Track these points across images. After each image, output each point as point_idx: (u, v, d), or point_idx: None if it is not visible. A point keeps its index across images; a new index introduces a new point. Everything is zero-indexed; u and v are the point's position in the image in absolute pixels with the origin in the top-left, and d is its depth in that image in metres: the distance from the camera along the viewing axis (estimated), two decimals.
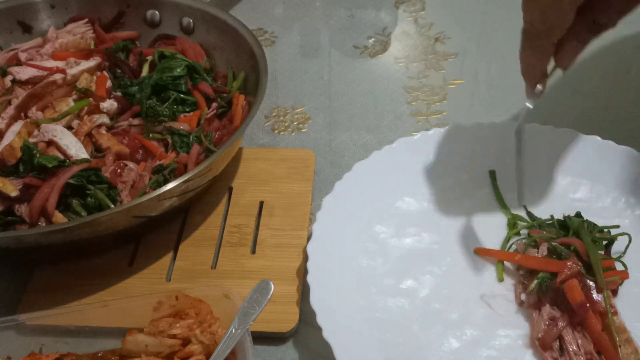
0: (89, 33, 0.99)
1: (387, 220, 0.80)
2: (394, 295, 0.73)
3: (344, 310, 0.70)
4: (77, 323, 0.66)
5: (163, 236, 0.80)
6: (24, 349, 0.64)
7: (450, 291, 0.73)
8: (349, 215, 0.78)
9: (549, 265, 0.70)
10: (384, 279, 0.75)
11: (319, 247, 0.73)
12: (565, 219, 0.76)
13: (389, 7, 1.22)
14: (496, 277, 0.74)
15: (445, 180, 0.84)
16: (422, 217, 0.81)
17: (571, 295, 0.67)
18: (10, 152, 0.77)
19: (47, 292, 0.74)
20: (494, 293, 0.73)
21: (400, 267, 0.76)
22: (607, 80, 1.04)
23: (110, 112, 0.86)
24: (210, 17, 0.96)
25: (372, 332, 0.69)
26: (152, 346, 0.63)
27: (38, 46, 0.96)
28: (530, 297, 0.70)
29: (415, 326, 0.70)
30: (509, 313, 0.71)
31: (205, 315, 0.65)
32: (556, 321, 0.67)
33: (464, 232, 0.79)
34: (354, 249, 0.77)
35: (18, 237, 0.70)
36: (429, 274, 0.75)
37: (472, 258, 0.76)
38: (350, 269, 0.75)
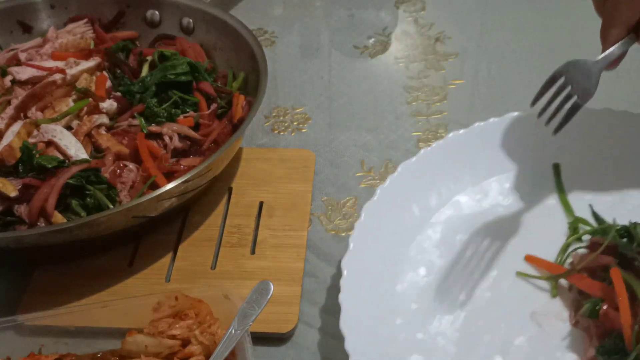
0: (89, 33, 0.99)
1: (433, 227, 0.74)
2: (434, 314, 0.67)
3: (376, 331, 0.65)
4: (76, 323, 0.66)
5: (163, 236, 0.80)
6: (24, 349, 0.64)
7: (497, 308, 0.67)
8: (391, 223, 0.72)
9: (589, 287, 0.63)
10: (425, 293, 0.69)
11: (356, 261, 0.67)
12: (630, 227, 0.66)
13: (389, 7, 1.22)
14: (550, 292, 0.68)
15: (501, 176, 0.77)
16: (471, 220, 0.74)
17: (608, 323, 0.60)
18: (9, 152, 0.77)
19: (46, 292, 0.74)
20: (547, 311, 0.66)
21: (443, 281, 0.70)
22: None
23: (109, 113, 0.86)
24: (210, 17, 0.96)
25: (407, 353, 0.64)
26: (152, 347, 0.63)
27: (38, 46, 0.96)
28: (583, 320, 0.64)
29: (452, 347, 0.64)
30: (559, 334, 0.64)
31: (204, 316, 0.65)
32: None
33: (517, 237, 0.72)
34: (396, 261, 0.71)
35: (17, 238, 0.70)
36: (475, 288, 0.69)
37: (523, 268, 0.70)
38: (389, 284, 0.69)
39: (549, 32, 1.12)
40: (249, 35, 0.91)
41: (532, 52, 1.09)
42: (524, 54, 1.09)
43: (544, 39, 1.12)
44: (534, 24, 1.14)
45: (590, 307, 0.61)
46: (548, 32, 1.12)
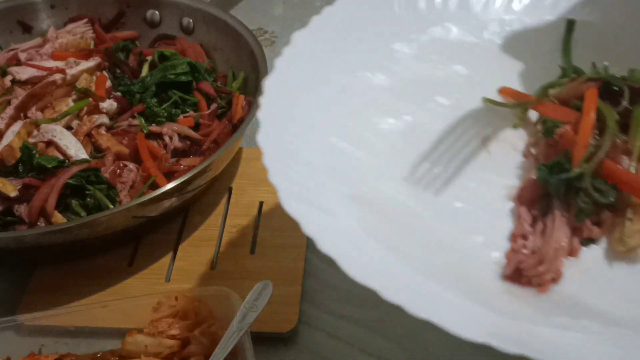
0: (89, 33, 0.99)
1: (410, 42, 0.69)
2: (378, 114, 0.63)
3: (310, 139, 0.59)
4: (76, 323, 0.66)
5: (162, 236, 0.80)
6: (24, 349, 0.64)
7: (448, 124, 0.63)
8: (327, 53, 0.65)
9: (556, 111, 0.57)
10: (376, 92, 0.64)
11: (280, 82, 0.60)
12: (628, 73, 0.59)
13: None
14: (513, 123, 0.63)
15: (504, 19, 0.71)
16: (457, 46, 0.69)
17: (563, 142, 0.54)
18: (9, 152, 0.77)
19: (46, 292, 0.74)
20: (502, 138, 0.62)
21: (404, 91, 0.65)
22: None
23: (109, 112, 0.86)
24: (210, 17, 0.96)
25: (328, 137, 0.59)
26: (152, 347, 0.63)
27: (38, 46, 0.96)
28: (536, 149, 0.58)
29: (384, 146, 0.60)
30: (507, 161, 0.60)
31: (204, 316, 0.65)
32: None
33: (500, 69, 0.68)
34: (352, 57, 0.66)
35: (17, 238, 0.70)
36: (432, 102, 0.64)
37: (496, 97, 0.65)
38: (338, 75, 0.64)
39: None
40: (249, 35, 0.91)
41: None
42: None
43: None
44: None
45: (549, 126, 0.56)
46: None
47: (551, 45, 0.70)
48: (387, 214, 0.56)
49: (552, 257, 0.51)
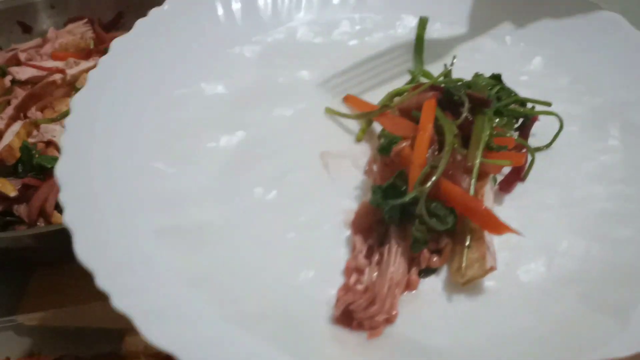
0: (89, 33, 0.99)
1: (253, 45, 0.62)
2: (207, 127, 0.56)
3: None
4: (76, 324, 0.66)
5: None
6: (23, 349, 0.64)
7: (287, 139, 0.57)
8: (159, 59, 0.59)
9: (395, 125, 0.52)
10: (212, 103, 0.58)
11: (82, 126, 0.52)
12: (472, 79, 0.56)
13: None
14: (356, 135, 0.58)
15: (355, 16, 0.66)
16: (303, 48, 0.63)
17: (400, 161, 0.49)
18: (9, 152, 0.77)
19: (46, 293, 0.74)
20: (342, 153, 0.55)
21: (242, 102, 0.59)
22: None
23: None
24: None
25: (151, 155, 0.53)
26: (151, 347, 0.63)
27: (38, 46, 0.96)
28: (375, 166, 0.53)
29: (214, 167, 0.54)
30: (347, 181, 0.54)
31: None
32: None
33: (347, 78, 0.61)
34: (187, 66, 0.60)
35: (17, 238, 0.70)
36: (270, 114, 0.58)
37: (340, 108, 0.60)
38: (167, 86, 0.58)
39: None
40: None
41: None
42: None
43: None
44: None
45: (385, 143, 0.50)
46: None
47: (406, 46, 0.65)
48: (207, 246, 0.49)
49: (385, 295, 0.45)
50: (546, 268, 0.47)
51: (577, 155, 0.55)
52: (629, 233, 0.48)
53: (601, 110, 0.57)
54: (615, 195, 0.51)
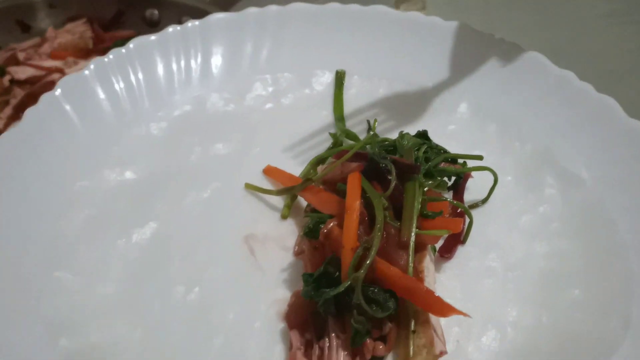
0: (88, 32, 0.98)
1: (159, 121, 0.57)
2: (117, 226, 0.49)
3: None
4: None
5: None
6: None
7: (205, 225, 0.51)
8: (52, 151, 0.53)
9: (322, 201, 0.47)
10: (113, 202, 0.52)
11: None
12: (397, 139, 0.52)
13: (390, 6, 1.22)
14: (281, 212, 0.52)
15: (268, 76, 0.61)
16: (216, 120, 0.58)
17: (330, 245, 0.43)
18: None
19: None
20: (268, 236, 0.50)
21: (146, 190, 0.53)
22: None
23: None
24: None
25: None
26: None
27: (36, 45, 0.96)
28: (307, 247, 0.48)
29: (121, 269, 0.48)
30: (276, 266, 0.48)
31: None
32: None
33: (265, 148, 0.56)
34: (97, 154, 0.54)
35: None
36: (184, 200, 0.52)
37: (260, 182, 0.54)
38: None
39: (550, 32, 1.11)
40: None
41: None
42: None
43: (544, 39, 1.11)
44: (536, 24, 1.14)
45: (312, 224, 0.46)
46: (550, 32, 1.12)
47: (323, 105, 0.61)
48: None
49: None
50: (498, 342, 0.45)
51: (515, 210, 0.53)
52: (575, 294, 0.45)
53: (533, 158, 0.55)
54: (557, 252, 0.49)
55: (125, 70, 0.58)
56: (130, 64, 0.58)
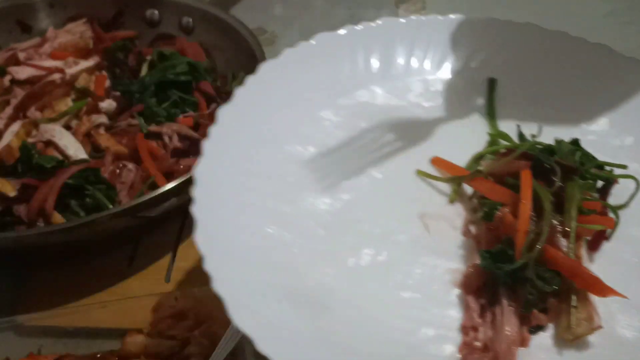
0: (88, 32, 0.98)
1: (337, 109, 0.66)
2: (309, 191, 0.59)
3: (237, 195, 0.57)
4: (76, 324, 0.66)
5: (162, 237, 0.80)
6: (23, 349, 0.64)
7: (384, 200, 0.60)
8: (255, 129, 0.62)
9: (492, 191, 0.56)
10: (307, 168, 0.61)
11: (210, 169, 0.57)
12: (555, 145, 0.60)
13: (389, 6, 1.22)
14: (449, 197, 0.61)
15: (428, 77, 0.70)
16: (384, 112, 0.67)
17: (503, 228, 0.53)
18: (8, 152, 0.77)
19: (45, 293, 0.74)
20: (439, 215, 0.59)
21: (331, 161, 0.62)
22: None
23: (109, 112, 0.86)
24: (209, 16, 0.96)
25: (266, 222, 0.56)
26: (151, 347, 0.63)
27: (37, 46, 0.96)
28: (475, 228, 0.57)
29: (321, 230, 0.57)
30: (447, 241, 0.57)
31: (204, 316, 0.65)
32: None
33: (428, 139, 0.65)
34: (281, 132, 0.63)
35: (17, 238, 0.70)
36: (367, 176, 0.61)
37: (428, 170, 0.63)
38: (269, 150, 0.61)
39: None
40: (249, 35, 0.91)
41: None
42: None
43: None
44: None
45: (487, 210, 0.55)
46: None
47: (477, 106, 0.69)
48: (329, 308, 0.52)
49: (505, 352, 0.49)
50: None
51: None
52: None
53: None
54: None
55: (312, 62, 0.68)
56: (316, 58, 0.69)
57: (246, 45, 0.90)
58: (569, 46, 0.71)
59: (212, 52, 0.96)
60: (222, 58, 0.95)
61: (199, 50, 0.95)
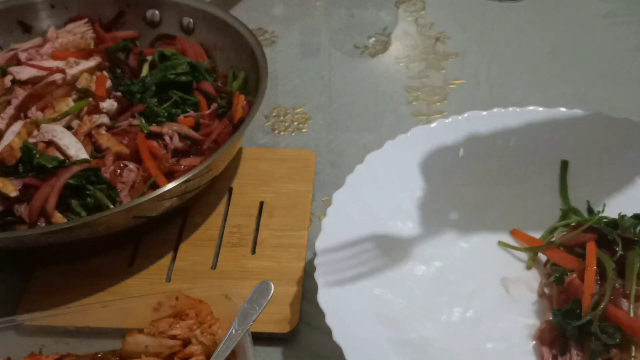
0: (89, 33, 0.99)
1: (410, 210, 0.77)
2: (409, 261, 0.72)
3: (348, 291, 0.68)
4: (77, 323, 0.66)
5: (163, 236, 0.80)
6: (24, 349, 0.64)
7: (471, 266, 0.71)
8: (363, 208, 0.75)
9: (563, 260, 0.67)
10: (405, 242, 0.73)
11: (328, 242, 0.70)
12: (618, 219, 0.69)
13: (390, 6, 1.22)
14: (526, 264, 0.72)
15: (505, 161, 0.81)
16: (458, 195, 0.78)
17: (572, 290, 0.63)
18: (9, 152, 0.77)
19: (46, 292, 0.74)
20: (518, 279, 0.70)
21: (425, 235, 0.74)
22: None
23: (110, 112, 0.86)
24: (210, 16, 0.96)
25: (373, 285, 0.68)
26: (152, 347, 0.63)
27: (38, 46, 0.96)
28: (548, 290, 0.67)
29: (419, 291, 0.69)
30: (525, 301, 0.68)
31: (205, 316, 0.65)
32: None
33: (507, 214, 0.76)
34: (380, 215, 0.75)
35: (18, 238, 0.70)
36: (455, 247, 0.74)
37: (508, 240, 0.74)
38: (371, 230, 0.73)
39: (549, 32, 1.12)
40: (249, 35, 0.91)
41: (532, 52, 1.09)
42: (524, 54, 1.09)
43: (544, 39, 1.12)
44: (534, 24, 1.14)
45: (559, 275, 0.65)
46: (548, 32, 1.12)
47: (551, 185, 0.79)
48: (428, 355, 0.64)
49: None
50: None
51: None
52: None
53: None
54: None
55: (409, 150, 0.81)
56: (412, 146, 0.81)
57: (246, 46, 0.90)
58: (632, 132, 0.79)
59: (212, 53, 0.96)
60: (222, 58, 0.95)
61: (199, 50, 0.95)
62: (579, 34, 1.08)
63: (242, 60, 0.91)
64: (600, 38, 1.09)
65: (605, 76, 1.03)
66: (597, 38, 1.10)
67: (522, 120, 0.82)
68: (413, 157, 0.80)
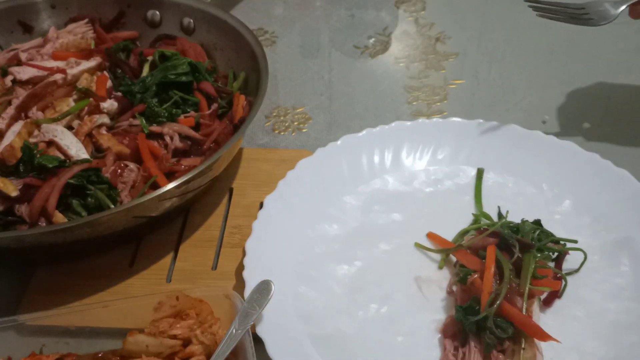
0: (90, 33, 0.99)
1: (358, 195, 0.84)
2: (332, 260, 0.77)
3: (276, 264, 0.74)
4: (77, 323, 0.66)
5: (163, 237, 0.80)
6: (25, 349, 0.64)
7: (389, 266, 0.76)
8: (292, 211, 0.80)
9: (469, 261, 0.73)
10: (332, 242, 0.79)
11: (257, 242, 0.75)
12: (520, 224, 0.76)
13: (390, 7, 1.22)
14: (438, 264, 0.77)
15: (430, 169, 0.88)
16: (392, 197, 0.84)
17: (473, 289, 0.69)
18: (10, 152, 0.77)
19: (47, 292, 0.74)
20: (430, 278, 0.75)
21: (350, 237, 0.79)
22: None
23: (110, 112, 0.86)
24: (210, 17, 0.96)
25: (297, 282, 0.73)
26: (153, 346, 0.63)
27: (38, 46, 0.96)
28: (455, 289, 0.72)
29: (339, 289, 0.74)
30: (435, 299, 0.73)
31: (205, 316, 0.65)
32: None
33: (427, 218, 0.81)
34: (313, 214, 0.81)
35: (18, 237, 0.70)
36: (376, 248, 0.78)
37: (425, 243, 0.79)
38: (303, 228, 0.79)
39: (549, 32, 1.12)
40: (250, 35, 0.91)
41: (532, 52, 1.09)
42: (524, 54, 1.09)
43: (544, 39, 1.12)
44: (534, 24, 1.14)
45: (463, 275, 0.71)
46: (548, 32, 1.12)
47: (467, 191, 0.85)
48: (343, 349, 0.68)
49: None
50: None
51: (597, 278, 0.74)
52: (634, 339, 0.68)
53: (614, 244, 0.77)
54: (625, 309, 0.71)
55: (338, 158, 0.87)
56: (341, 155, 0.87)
57: (247, 46, 0.90)
58: (542, 144, 0.87)
59: (212, 53, 0.96)
60: (222, 58, 0.95)
61: (200, 50, 0.95)
62: (579, 34, 1.08)
63: (243, 61, 0.91)
64: (600, 38, 1.10)
65: (605, 76, 1.03)
66: (597, 38, 1.10)
67: (444, 130, 0.89)
68: (341, 164, 0.86)
